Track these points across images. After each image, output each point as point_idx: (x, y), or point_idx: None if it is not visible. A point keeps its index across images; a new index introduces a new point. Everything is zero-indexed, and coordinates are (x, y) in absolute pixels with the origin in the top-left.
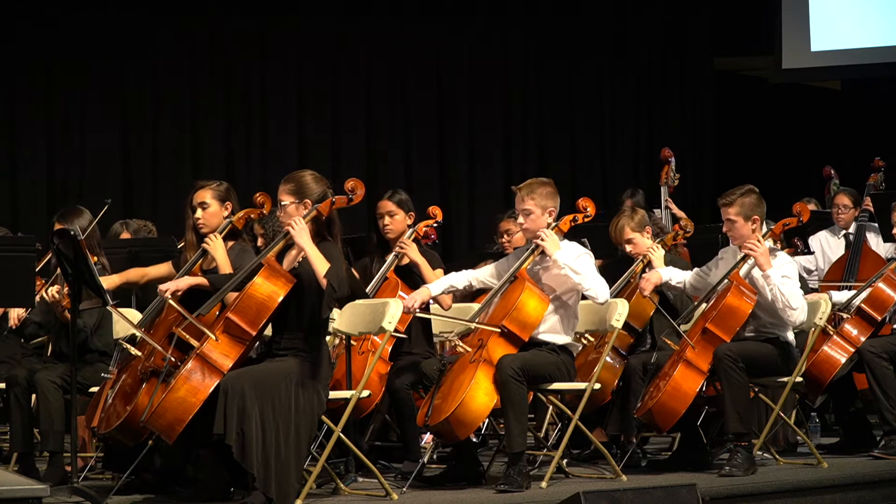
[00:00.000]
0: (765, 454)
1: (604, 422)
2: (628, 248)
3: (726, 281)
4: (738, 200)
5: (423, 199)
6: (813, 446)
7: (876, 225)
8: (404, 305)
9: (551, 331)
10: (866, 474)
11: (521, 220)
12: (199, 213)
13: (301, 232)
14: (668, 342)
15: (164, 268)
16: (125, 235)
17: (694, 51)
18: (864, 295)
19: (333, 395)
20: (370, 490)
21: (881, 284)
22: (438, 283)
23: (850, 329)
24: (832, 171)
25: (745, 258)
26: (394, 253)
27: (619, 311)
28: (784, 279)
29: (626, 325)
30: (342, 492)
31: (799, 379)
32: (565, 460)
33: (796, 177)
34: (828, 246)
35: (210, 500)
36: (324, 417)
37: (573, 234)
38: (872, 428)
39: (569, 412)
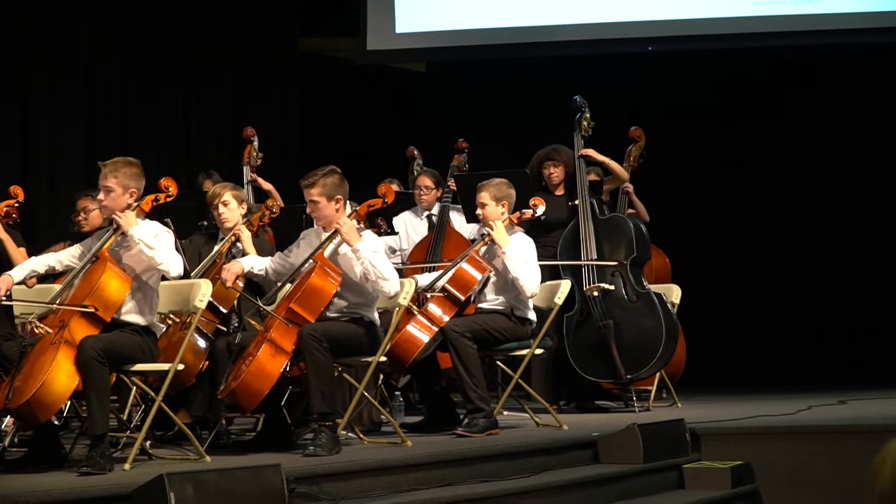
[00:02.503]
0: (349, 433)
1: (188, 403)
2: (222, 210)
3: (311, 261)
4: (321, 181)
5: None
6: (397, 425)
7: (459, 206)
8: None
9: (133, 311)
10: (450, 452)
11: (101, 196)
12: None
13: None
14: (253, 322)
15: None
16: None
17: (279, 31)
18: (448, 275)
19: None
20: None
21: (465, 265)
22: (19, 269)
23: (435, 309)
24: (416, 152)
25: (330, 238)
26: None
27: (203, 292)
28: (374, 254)
29: (213, 307)
30: None
31: (383, 359)
32: (149, 442)
33: (382, 158)
34: (411, 227)
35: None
36: None
37: (156, 214)
38: (456, 406)
39: (152, 393)
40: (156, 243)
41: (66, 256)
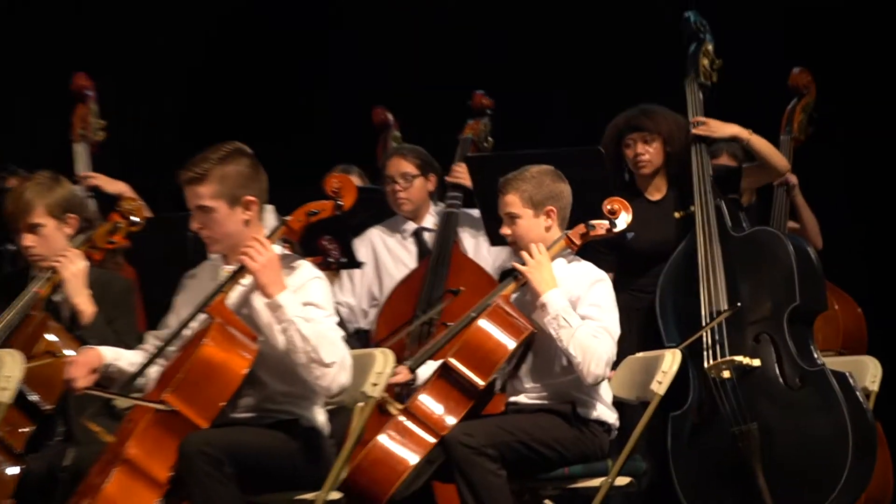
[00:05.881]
0: None
1: None
2: (30, 243)
3: (203, 316)
4: (215, 172)
5: None
6: None
7: (476, 213)
8: None
9: None
10: None
11: None
12: None
13: None
14: (96, 429)
15: None
16: None
17: None
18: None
19: None
20: None
21: (484, 323)
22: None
23: (430, 404)
24: (389, 117)
25: (235, 276)
26: None
27: (6, 374)
28: (308, 311)
29: (23, 402)
30: None
31: (335, 495)
32: None
33: (320, 126)
34: (386, 253)
35: None
36: None
37: None
38: None
39: None
40: None
41: None
